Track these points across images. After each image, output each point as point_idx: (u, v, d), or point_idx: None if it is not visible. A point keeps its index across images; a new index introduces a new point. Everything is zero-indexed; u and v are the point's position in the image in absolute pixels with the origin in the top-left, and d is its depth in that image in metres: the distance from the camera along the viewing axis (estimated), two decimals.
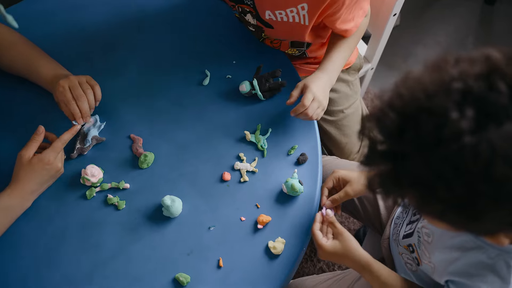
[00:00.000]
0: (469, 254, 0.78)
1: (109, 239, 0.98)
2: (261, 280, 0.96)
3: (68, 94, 1.01)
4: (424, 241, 0.91)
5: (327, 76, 1.08)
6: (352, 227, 1.78)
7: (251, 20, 1.14)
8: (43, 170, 0.96)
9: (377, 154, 0.59)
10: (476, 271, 0.76)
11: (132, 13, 1.26)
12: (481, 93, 0.50)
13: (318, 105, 1.03)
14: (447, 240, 0.83)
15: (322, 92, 1.05)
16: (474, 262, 0.77)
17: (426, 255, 0.90)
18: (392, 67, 2.19)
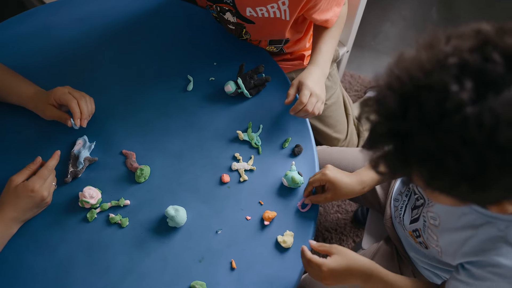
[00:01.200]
0: (480, 231, 0.79)
1: (118, 258, 0.97)
2: (277, 275, 0.96)
3: (70, 95, 1.02)
4: (430, 225, 0.92)
5: (319, 69, 1.09)
6: (349, 209, 1.80)
7: (231, 18, 1.13)
8: (27, 198, 0.94)
9: (381, 136, 0.60)
10: (489, 245, 0.77)
11: (105, 28, 1.24)
12: (477, 65, 0.52)
13: (316, 99, 1.04)
14: (455, 221, 0.85)
15: (318, 85, 1.05)
16: (486, 237, 0.78)
17: (434, 239, 0.91)
18: (363, 47, 2.22)
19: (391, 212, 1.18)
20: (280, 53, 1.32)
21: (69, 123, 1.03)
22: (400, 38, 2.27)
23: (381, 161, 0.63)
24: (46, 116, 1.05)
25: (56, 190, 1.02)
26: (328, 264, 0.87)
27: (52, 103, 1.03)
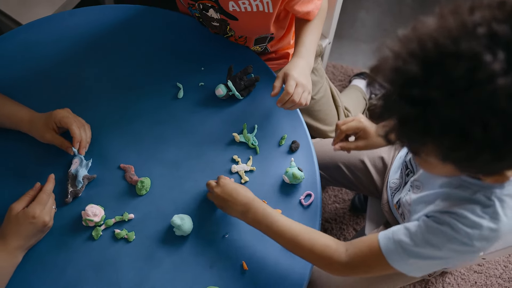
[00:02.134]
0: (454, 191, 0.80)
1: (128, 273, 0.97)
2: (289, 272, 0.97)
3: (71, 118, 1.02)
4: (414, 191, 0.95)
5: (303, 60, 1.09)
6: (346, 198, 1.82)
7: (214, 15, 1.13)
8: (29, 225, 0.93)
9: (398, 105, 0.60)
10: (456, 202, 0.78)
11: (87, 43, 1.23)
12: (508, 36, 0.54)
13: (302, 89, 1.04)
14: (434, 182, 0.86)
15: (303, 76, 1.06)
16: (458, 197, 0.78)
17: (407, 205, 0.94)
18: (341, 37, 2.23)
19: (387, 196, 1.20)
20: (265, 53, 1.32)
21: (71, 151, 1.02)
22: (377, 24, 2.29)
23: (395, 131, 0.63)
24: (45, 140, 1.04)
25: (58, 212, 1.01)
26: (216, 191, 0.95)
27: (52, 127, 1.02)
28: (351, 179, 1.31)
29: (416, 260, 0.80)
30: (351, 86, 1.95)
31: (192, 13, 1.22)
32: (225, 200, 0.95)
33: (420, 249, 0.78)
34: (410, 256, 0.79)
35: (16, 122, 1.05)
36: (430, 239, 0.77)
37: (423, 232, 0.79)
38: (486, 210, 0.75)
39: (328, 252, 0.87)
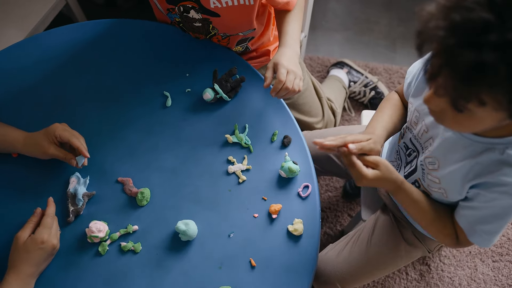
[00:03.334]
0: (481, 158, 0.85)
1: (139, 283, 0.98)
2: (296, 263, 1.00)
3: (69, 132, 1.03)
4: (429, 170, 0.98)
5: (290, 49, 1.11)
6: (337, 185, 1.85)
7: (196, 16, 1.14)
8: (38, 250, 0.94)
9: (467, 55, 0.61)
10: (493, 168, 0.83)
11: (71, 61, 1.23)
12: None
13: (294, 76, 1.06)
14: (453, 156, 0.90)
15: (293, 63, 1.07)
16: (488, 161, 0.84)
17: (436, 182, 0.97)
18: (315, 28, 2.27)
19: None
20: (246, 52, 1.34)
21: (74, 162, 1.03)
22: (348, 13, 2.33)
23: (451, 87, 0.65)
24: (47, 155, 1.03)
25: (62, 232, 1.02)
26: (370, 176, 0.89)
27: (53, 141, 1.02)
28: (342, 168, 1.35)
29: (492, 236, 0.91)
30: (330, 77, 1.99)
31: (171, 18, 1.23)
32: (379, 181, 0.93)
33: (493, 225, 0.89)
34: (490, 235, 0.91)
35: (11, 142, 1.05)
36: (497, 214, 0.88)
37: (489, 213, 0.88)
38: None
39: (449, 240, 0.99)
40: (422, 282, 1.69)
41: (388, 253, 1.19)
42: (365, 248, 1.21)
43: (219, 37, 1.23)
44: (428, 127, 0.96)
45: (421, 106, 0.97)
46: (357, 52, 2.22)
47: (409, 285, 1.68)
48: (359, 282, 1.22)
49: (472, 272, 1.71)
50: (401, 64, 2.18)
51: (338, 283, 1.21)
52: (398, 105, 1.11)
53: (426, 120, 0.96)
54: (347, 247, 1.23)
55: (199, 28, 1.20)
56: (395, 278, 1.69)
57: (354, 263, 1.20)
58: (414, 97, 1.01)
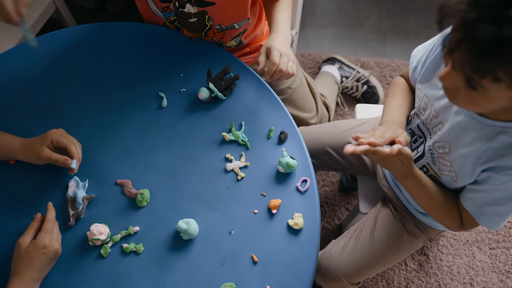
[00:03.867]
0: (494, 142, 0.86)
1: (143, 284, 0.99)
2: (298, 257, 1.01)
3: (67, 138, 1.03)
4: (440, 154, 0.99)
5: (281, 35, 1.13)
6: (334, 180, 1.87)
7: (192, 10, 1.15)
8: (41, 255, 0.94)
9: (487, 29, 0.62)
10: (505, 151, 0.85)
11: (62, 66, 1.23)
12: None
13: (287, 59, 1.07)
14: (464, 139, 0.92)
15: (285, 47, 1.09)
16: (500, 145, 0.86)
17: (448, 165, 0.98)
18: (305, 25, 2.28)
19: (383, 171, 1.25)
20: (239, 47, 1.35)
21: (68, 163, 1.03)
22: (338, 9, 2.35)
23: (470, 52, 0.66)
24: (42, 160, 1.03)
25: (63, 236, 1.02)
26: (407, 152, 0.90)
27: (49, 145, 1.03)
28: (340, 161, 1.36)
29: (501, 218, 0.94)
30: (322, 73, 2.00)
31: (165, 17, 1.23)
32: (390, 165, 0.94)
33: (503, 207, 0.92)
34: (500, 217, 0.94)
35: (8, 148, 1.05)
36: (509, 196, 0.90)
37: (500, 195, 0.90)
38: None
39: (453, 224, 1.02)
40: (422, 272, 1.70)
41: (391, 245, 1.21)
42: (368, 242, 1.22)
43: (214, 30, 1.23)
44: (438, 112, 0.97)
45: (430, 92, 0.99)
46: (347, 47, 2.24)
47: (409, 276, 1.70)
48: (364, 275, 1.23)
49: (470, 260, 1.73)
50: (392, 57, 2.19)
51: (344, 278, 1.22)
52: (407, 89, 1.13)
53: (436, 105, 0.98)
54: (350, 243, 1.24)
55: (195, 24, 1.21)
56: (394, 269, 1.71)
57: (359, 257, 1.21)
58: (422, 83, 1.02)
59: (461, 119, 0.91)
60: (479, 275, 1.70)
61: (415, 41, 2.25)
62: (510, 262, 1.72)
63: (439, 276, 1.70)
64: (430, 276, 1.70)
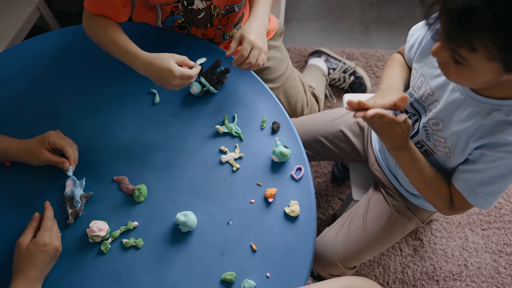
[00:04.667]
0: (487, 119, 0.89)
1: (145, 278, 1.00)
2: (296, 243, 1.03)
3: (64, 139, 1.04)
4: (434, 131, 1.02)
5: (259, 21, 1.14)
6: (326, 171, 1.89)
7: (200, 5, 1.17)
8: (42, 253, 0.95)
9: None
10: (498, 128, 0.88)
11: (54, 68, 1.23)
12: None
13: (258, 51, 1.09)
14: (458, 116, 0.94)
15: (260, 38, 1.10)
16: (493, 122, 0.89)
17: (442, 141, 1.01)
18: (290, 20, 2.30)
19: (375, 155, 1.27)
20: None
21: (66, 166, 1.04)
22: (320, 2, 2.37)
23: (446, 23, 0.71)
24: (41, 161, 1.04)
25: (63, 235, 1.03)
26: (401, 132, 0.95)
27: (46, 147, 1.04)
28: (332, 150, 1.38)
29: (493, 197, 0.96)
30: (309, 66, 2.03)
31: (172, 22, 1.25)
32: (390, 133, 0.97)
33: (495, 186, 0.94)
34: (492, 197, 0.96)
35: (5, 150, 1.05)
36: (501, 174, 0.91)
37: (492, 174, 0.92)
38: None
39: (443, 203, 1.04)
40: (417, 257, 1.73)
41: (384, 228, 1.23)
42: (362, 226, 1.24)
43: (219, 16, 1.25)
44: (434, 91, 1.00)
45: (427, 71, 1.02)
46: (333, 40, 2.26)
47: (404, 261, 1.72)
48: (360, 259, 1.25)
49: (463, 242, 1.76)
50: (376, 47, 2.22)
51: (340, 263, 1.24)
52: (404, 64, 1.15)
53: (432, 84, 1.00)
54: (344, 228, 1.26)
55: (203, 18, 1.23)
56: (390, 255, 1.73)
57: (353, 242, 1.23)
58: (418, 62, 1.05)
59: (457, 96, 0.94)
60: (472, 256, 1.73)
61: (399, 31, 2.28)
62: (502, 242, 1.76)
63: (434, 259, 1.73)
64: (425, 260, 1.73)
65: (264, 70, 1.42)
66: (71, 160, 1.04)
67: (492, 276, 1.70)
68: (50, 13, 1.90)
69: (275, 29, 1.45)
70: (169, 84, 1.06)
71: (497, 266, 1.72)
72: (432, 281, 1.69)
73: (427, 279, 1.70)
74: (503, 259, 1.73)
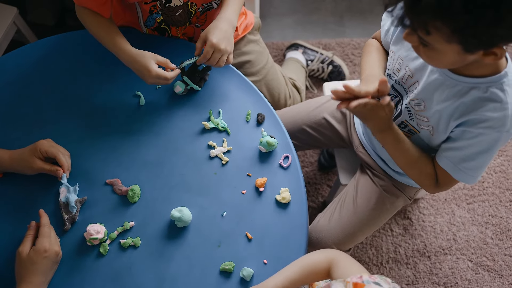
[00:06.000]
0: (466, 97, 0.94)
1: (145, 275, 1.02)
2: (289, 229, 1.06)
3: (56, 148, 1.06)
4: (416, 111, 1.06)
5: (225, 23, 1.16)
6: (312, 160, 1.93)
7: (177, 2, 1.20)
8: (43, 259, 0.96)
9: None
10: (477, 105, 0.93)
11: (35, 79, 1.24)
12: None
13: (220, 54, 1.12)
14: (439, 96, 0.99)
15: (224, 39, 1.13)
16: (472, 99, 0.93)
17: (425, 120, 1.05)
18: (265, 16, 2.33)
19: (359, 139, 1.31)
20: None
21: (60, 173, 1.06)
22: None
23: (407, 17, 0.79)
24: (34, 170, 1.06)
25: (61, 240, 1.04)
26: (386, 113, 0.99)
27: (39, 156, 1.05)
28: (317, 137, 1.41)
29: (477, 172, 1.00)
30: (288, 59, 2.06)
31: (151, 22, 1.27)
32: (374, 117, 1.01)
33: (477, 162, 0.98)
34: (475, 171, 1.00)
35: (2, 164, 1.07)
36: (482, 150, 0.96)
37: (474, 150, 0.97)
38: (503, 104, 0.91)
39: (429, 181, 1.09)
40: (407, 235, 1.78)
41: (374, 208, 1.27)
42: (353, 209, 1.28)
43: (198, 14, 1.28)
44: (413, 72, 1.04)
45: (405, 53, 1.06)
46: (308, 32, 2.30)
47: (396, 240, 1.77)
48: (354, 241, 1.29)
49: (451, 217, 1.82)
50: (351, 36, 2.27)
51: (335, 246, 1.27)
52: (381, 49, 1.19)
53: (411, 66, 1.04)
54: (336, 212, 1.30)
55: (181, 16, 1.26)
56: (381, 236, 1.78)
57: (346, 224, 1.27)
58: (396, 45, 1.09)
59: (436, 77, 0.98)
60: (460, 230, 1.79)
61: (371, 18, 2.33)
62: (487, 213, 1.82)
63: (424, 236, 1.78)
64: (415, 238, 1.78)
65: (245, 64, 1.45)
66: (64, 167, 1.06)
67: (481, 247, 1.76)
68: (27, 27, 1.90)
69: (252, 23, 1.48)
70: (145, 81, 1.15)
71: (484, 237, 1.78)
72: (424, 257, 1.74)
73: (419, 256, 1.75)
74: (489, 230, 1.79)
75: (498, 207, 1.83)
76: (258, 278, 1.01)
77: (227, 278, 1.02)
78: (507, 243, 1.77)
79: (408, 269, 1.73)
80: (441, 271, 1.73)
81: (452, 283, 1.70)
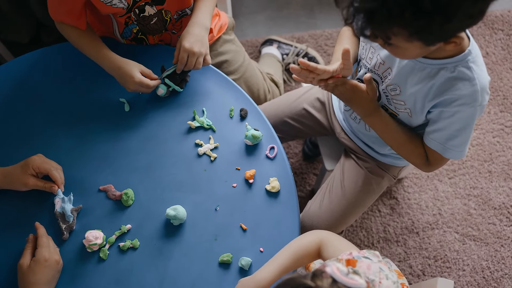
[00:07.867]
0: (437, 78, 1.00)
1: (146, 276, 1.05)
2: (281, 216, 1.11)
3: (48, 164, 1.08)
4: (393, 96, 1.11)
5: (196, 27, 1.20)
6: (297, 151, 1.97)
7: (151, 11, 1.24)
8: (44, 269, 0.98)
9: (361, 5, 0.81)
10: (447, 85, 0.99)
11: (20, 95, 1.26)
12: None
13: (195, 57, 1.17)
14: (412, 80, 1.04)
15: (196, 42, 1.17)
16: (443, 80, 0.99)
17: (402, 104, 1.10)
18: (237, 15, 2.37)
19: (340, 125, 1.36)
20: None
21: (55, 189, 1.08)
22: None
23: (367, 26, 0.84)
24: (27, 187, 1.07)
25: (61, 250, 1.06)
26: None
27: (31, 173, 1.06)
28: (299, 128, 1.46)
29: (463, 147, 1.07)
30: (263, 55, 2.10)
31: (128, 33, 1.30)
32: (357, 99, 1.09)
33: (461, 138, 1.04)
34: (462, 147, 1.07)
35: None
36: (463, 126, 1.02)
37: (455, 127, 1.03)
38: (471, 81, 0.97)
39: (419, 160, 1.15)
40: (395, 214, 1.84)
41: (362, 190, 1.32)
42: (341, 193, 1.32)
43: (173, 21, 1.31)
44: (384, 60, 1.10)
45: (375, 43, 1.11)
46: (281, 27, 2.35)
47: (384, 220, 1.83)
48: (345, 224, 1.34)
49: (434, 193, 1.88)
50: (323, 27, 2.32)
51: (328, 230, 1.32)
52: (353, 36, 1.24)
53: (381, 54, 1.10)
54: (325, 198, 1.35)
55: (156, 24, 1.29)
56: (370, 217, 1.84)
57: (337, 208, 1.32)
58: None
59: (406, 63, 1.04)
60: (445, 204, 1.86)
61: None
62: (469, 185, 1.89)
63: (411, 214, 1.84)
64: (403, 216, 1.84)
65: (223, 63, 1.48)
66: (58, 182, 1.08)
67: (465, 219, 1.83)
68: (3, 45, 1.90)
69: (226, 24, 1.52)
70: (127, 87, 1.19)
71: (468, 209, 1.85)
72: (413, 234, 1.81)
73: (407, 233, 1.81)
74: (472, 201, 1.86)
75: (478, 178, 1.91)
76: (256, 266, 1.05)
77: (227, 269, 1.06)
78: (489, 212, 1.84)
79: (399, 246, 1.79)
80: (430, 245, 1.79)
81: (441, 256, 1.77)
